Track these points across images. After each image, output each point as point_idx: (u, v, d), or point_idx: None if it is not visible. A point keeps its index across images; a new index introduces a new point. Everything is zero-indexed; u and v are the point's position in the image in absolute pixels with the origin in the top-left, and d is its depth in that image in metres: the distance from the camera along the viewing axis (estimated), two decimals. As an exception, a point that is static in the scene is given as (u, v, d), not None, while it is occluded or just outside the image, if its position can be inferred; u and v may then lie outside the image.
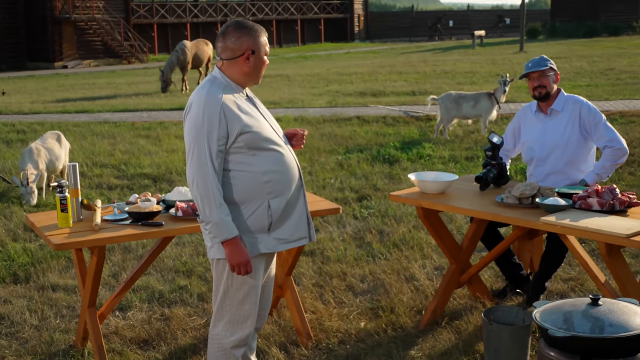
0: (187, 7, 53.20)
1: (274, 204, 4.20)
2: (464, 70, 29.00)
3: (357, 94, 21.60)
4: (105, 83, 29.51)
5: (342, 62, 37.87)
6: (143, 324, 5.89)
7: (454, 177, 5.74)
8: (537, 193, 5.25)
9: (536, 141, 6.02)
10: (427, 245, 7.47)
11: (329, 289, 6.47)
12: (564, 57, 34.73)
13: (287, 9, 60.74)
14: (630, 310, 3.73)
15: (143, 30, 49.75)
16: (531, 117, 6.14)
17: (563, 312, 3.74)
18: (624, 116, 15.35)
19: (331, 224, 8.33)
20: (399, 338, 5.51)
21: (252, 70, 4.19)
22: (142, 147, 13.62)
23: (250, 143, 4.09)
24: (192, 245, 7.74)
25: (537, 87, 5.95)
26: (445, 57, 38.65)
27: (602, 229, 4.63)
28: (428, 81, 24.98)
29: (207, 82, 4.18)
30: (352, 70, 30.87)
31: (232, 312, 4.28)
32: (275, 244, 4.26)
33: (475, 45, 48.63)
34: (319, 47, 57.55)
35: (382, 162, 11.69)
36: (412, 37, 67.69)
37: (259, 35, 4.18)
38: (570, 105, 5.97)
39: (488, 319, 4.92)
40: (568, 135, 5.90)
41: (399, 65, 33.13)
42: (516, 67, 29.17)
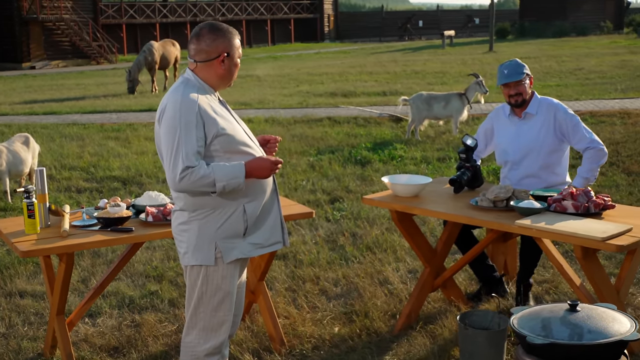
0: (156, 7, 52.92)
1: (250, 209, 4.13)
2: (434, 70, 29.08)
3: (327, 95, 21.57)
4: (74, 84, 29.26)
5: (313, 62, 37.83)
6: (113, 331, 5.78)
7: (427, 179, 5.69)
8: (512, 196, 5.21)
9: (510, 144, 5.99)
10: (401, 247, 7.42)
11: (302, 294, 6.40)
12: (534, 57, 34.91)
13: (257, 9, 60.62)
14: (609, 316, 3.69)
15: (112, 31, 49.42)
16: (504, 119, 6.11)
17: (541, 319, 3.69)
18: (594, 116, 15.41)
19: (304, 227, 8.26)
20: (374, 343, 5.44)
21: (226, 73, 4.13)
22: (112, 149, 13.48)
23: (225, 146, 4.02)
24: (162, 249, 7.63)
25: (513, 95, 5.92)
26: (416, 57, 38.73)
27: (578, 232, 4.59)
28: (398, 81, 25.01)
29: (180, 84, 4.09)
30: (323, 71, 30.85)
31: (205, 320, 4.20)
32: (250, 249, 4.19)
33: (445, 45, 48.80)
34: (289, 47, 57.48)
35: (354, 163, 11.64)
36: (382, 37, 67.82)
37: (233, 38, 4.12)
38: (545, 108, 5.95)
39: (463, 324, 4.87)
40: (542, 138, 5.88)
41: (370, 66, 33.15)
42: (486, 67, 29.30)
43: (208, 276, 4.12)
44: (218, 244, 4.07)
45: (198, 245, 4.10)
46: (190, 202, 4.10)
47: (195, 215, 4.10)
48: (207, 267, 4.11)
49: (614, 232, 4.57)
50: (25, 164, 9.96)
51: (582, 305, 3.77)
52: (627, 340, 3.56)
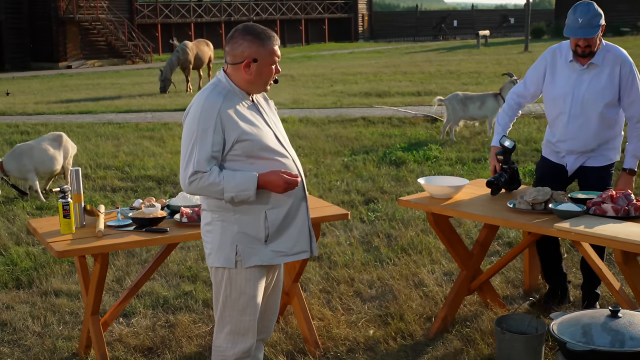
0: (191, 7, 53.20)
1: (271, 215, 4.07)
2: (469, 70, 28.95)
3: (362, 95, 21.53)
4: (109, 83, 29.48)
5: (346, 62, 37.82)
6: (147, 331, 5.77)
7: (464, 181, 5.62)
8: (550, 198, 5.13)
9: (568, 94, 5.49)
10: (436, 249, 7.35)
11: (337, 295, 6.35)
12: (569, 57, 34.56)
13: (291, 9, 60.72)
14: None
15: (147, 30, 49.75)
16: (562, 64, 5.55)
17: (582, 325, 3.63)
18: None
19: (338, 228, 8.22)
20: (409, 347, 5.39)
21: (255, 79, 4.03)
22: (146, 148, 13.53)
23: (247, 151, 3.97)
24: (196, 249, 7.62)
25: (582, 46, 5.35)
26: (450, 57, 38.58)
27: (618, 236, 4.50)
28: (433, 81, 24.91)
29: (210, 86, 4.06)
30: (357, 70, 30.81)
31: (232, 323, 4.17)
32: (272, 256, 4.13)
33: (480, 45, 48.61)
34: (323, 47, 57.53)
35: (389, 164, 11.58)
36: (416, 37, 67.72)
37: (265, 43, 4.00)
38: (611, 58, 5.42)
39: (500, 328, 4.81)
40: (606, 91, 5.41)
41: (404, 65, 33.06)
42: (521, 67, 29.07)
43: (231, 278, 4.09)
44: (239, 247, 4.04)
45: (220, 246, 4.07)
46: (212, 203, 4.08)
47: (217, 216, 4.07)
48: (230, 270, 4.08)
49: (656, 236, 4.48)
50: (55, 162, 9.96)
51: (623, 311, 3.70)
52: (670, 348, 3.49)
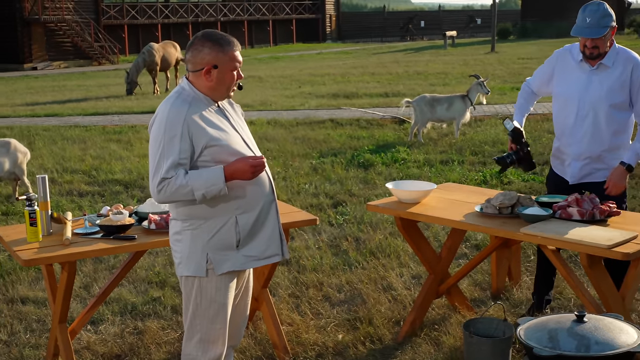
0: (158, 7, 52.93)
1: (242, 220, 4.08)
2: (436, 71, 29.07)
3: (330, 96, 21.55)
4: (76, 85, 29.26)
5: (314, 63, 37.82)
6: (115, 339, 5.75)
7: (432, 186, 5.65)
8: (517, 202, 5.18)
9: (576, 94, 5.39)
10: (404, 253, 7.38)
11: (306, 300, 6.37)
12: (535, 57, 34.86)
13: (259, 10, 60.63)
14: (616, 327, 3.67)
15: (113, 31, 49.42)
16: (572, 64, 5.46)
17: (548, 330, 3.66)
18: (597, 118, 15.35)
19: (307, 232, 8.23)
20: (378, 351, 5.41)
21: (216, 85, 4.02)
22: (114, 152, 13.46)
23: (216, 157, 3.97)
24: (165, 254, 7.60)
25: (589, 47, 5.26)
26: (418, 58, 38.73)
27: (584, 240, 4.56)
28: (401, 82, 24.98)
29: (174, 94, 4.05)
30: (325, 72, 30.83)
31: (203, 331, 4.17)
32: (244, 261, 4.14)
33: (447, 45, 48.80)
34: (291, 48, 57.48)
35: (357, 166, 11.61)
36: (384, 37, 67.86)
37: (225, 49, 4.00)
38: (622, 60, 5.33)
39: (468, 331, 4.84)
40: (615, 93, 5.31)
41: (372, 66, 33.14)
42: (488, 68, 29.31)
43: (202, 287, 4.09)
44: (210, 255, 4.03)
45: (190, 255, 4.06)
46: (181, 212, 4.07)
47: (187, 225, 4.07)
48: (200, 279, 4.08)
49: (620, 239, 4.54)
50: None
51: (589, 315, 3.74)
52: (635, 352, 3.53)
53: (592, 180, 5.51)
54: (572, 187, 5.56)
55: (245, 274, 4.38)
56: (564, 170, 5.63)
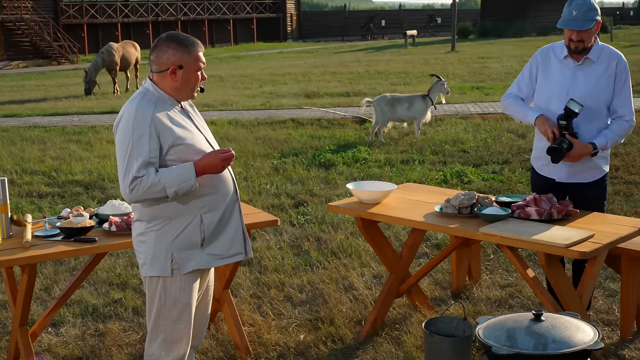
0: (117, 7, 52.59)
1: (207, 219, 4.11)
2: (397, 70, 29.19)
3: (291, 96, 21.56)
4: (35, 85, 28.99)
5: (275, 63, 37.81)
6: (77, 341, 5.73)
7: (392, 186, 5.70)
8: (476, 202, 5.24)
9: (562, 91, 5.33)
10: (365, 252, 7.42)
11: (267, 300, 6.38)
12: (495, 56, 35.18)
13: (219, 9, 60.46)
14: (573, 325, 3.72)
15: (73, 31, 49.05)
16: (555, 62, 5.43)
17: (506, 329, 3.71)
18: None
19: (268, 232, 8.24)
20: (339, 350, 5.44)
21: (181, 85, 4.07)
22: (73, 152, 13.36)
23: (182, 156, 4.00)
24: (126, 256, 7.57)
25: (575, 40, 5.23)
26: (378, 57, 38.85)
27: (541, 239, 4.62)
28: (362, 82, 25.05)
29: (138, 95, 4.07)
30: (286, 71, 30.83)
31: (166, 332, 4.18)
32: (208, 259, 4.17)
33: (408, 44, 49.05)
34: (252, 47, 57.40)
35: (318, 166, 11.63)
36: (345, 36, 68.02)
37: (190, 50, 4.05)
38: (607, 55, 5.33)
39: (429, 330, 4.88)
40: (602, 88, 5.30)
41: (333, 66, 33.19)
42: (448, 67, 29.50)
43: (166, 288, 4.10)
44: (174, 255, 4.05)
45: (155, 256, 4.08)
46: (146, 213, 4.08)
47: (151, 226, 4.08)
48: (165, 279, 4.09)
49: (577, 238, 4.61)
50: None
51: (546, 314, 3.79)
52: (591, 350, 3.59)
53: (580, 181, 5.46)
54: (558, 185, 5.50)
55: (208, 274, 4.40)
56: (551, 169, 5.52)
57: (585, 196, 5.45)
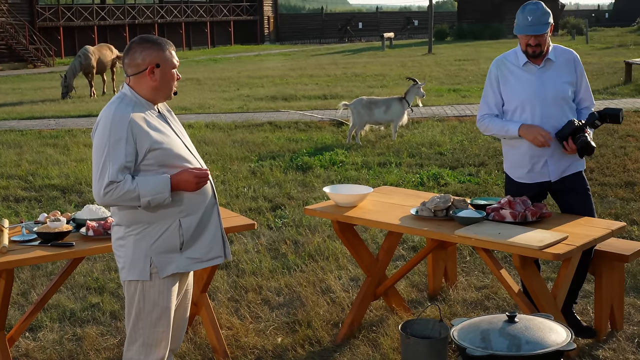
0: (93, 9, 52.40)
1: (186, 223, 4.14)
2: (374, 72, 29.27)
3: (268, 99, 21.57)
4: (10, 89, 28.82)
5: (253, 65, 37.81)
6: (54, 345, 5.73)
7: (368, 189, 5.74)
8: (451, 205, 5.29)
9: (533, 95, 5.36)
10: (343, 255, 7.46)
11: (245, 304, 6.41)
12: (472, 58, 35.35)
13: (196, 11, 60.35)
14: (546, 326, 3.78)
15: (49, 34, 48.83)
16: (515, 70, 5.45)
17: (481, 330, 3.76)
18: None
19: (245, 236, 8.26)
20: (316, 353, 5.48)
21: (159, 85, 4.12)
22: (50, 156, 13.31)
23: (160, 160, 4.03)
24: (103, 260, 7.57)
25: (532, 45, 5.29)
26: (356, 60, 38.93)
27: (516, 242, 4.68)
28: (339, 84, 25.11)
29: (116, 99, 4.10)
30: (263, 74, 30.84)
31: (145, 335, 4.20)
32: (188, 263, 4.20)
33: (385, 47, 49.13)
34: (229, 50, 57.32)
35: (295, 169, 11.66)
36: (322, 39, 68.09)
37: (164, 49, 4.12)
38: (562, 54, 5.45)
39: (405, 332, 4.93)
40: (568, 84, 5.40)
41: (310, 68, 33.23)
42: (425, 69, 29.61)
43: (145, 292, 4.12)
44: (153, 259, 4.08)
45: (134, 260, 4.10)
46: (125, 217, 4.11)
47: (130, 230, 4.10)
48: (144, 283, 4.11)
49: (551, 240, 4.68)
50: None
51: (520, 316, 3.84)
52: (563, 350, 3.65)
53: (573, 172, 5.51)
54: (554, 184, 5.50)
55: (187, 277, 4.43)
56: (539, 172, 5.48)
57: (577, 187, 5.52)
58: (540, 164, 5.45)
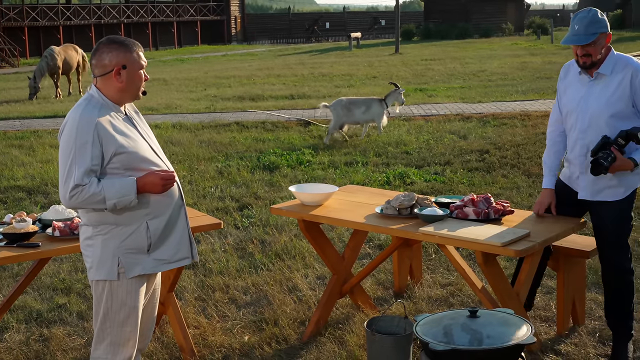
0: (59, 9, 52.04)
1: (153, 225, 4.16)
2: (341, 72, 29.34)
3: (235, 99, 21.57)
4: (-25, 89, 28.57)
5: (220, 65, 37.74)
6: (21, 346, 5.73)
7: (334, 188, 5.80)
8: (416, 203, 5.36)
9: (577, 107, 5.12)
10: (309, 254, 7.51)
11: (212, 303, 6.44)
12: (438, 58, 35.54)
13: (163, 11, 60.12)
14: (507, 321, 3.86)
15: (13, 34, 48.39)
16: (573, 78, 5.22)
17: (443, 326, 3.83)
18: (497, 118, 15.81)
19: (213, 235, 8.29)
20: (283, 351, 5.52)
21: (126, 86, 4.13)
22: (15, 157, 13.24)
23: (125, 164, 4.05)
24: (70, 261, 7.57)
25: (581, 55, 4.99)
26: (323, 60, 38.98)
27: (478, 239, 4.76)
28: (306, 84, 25.15)
29: (83, 101, 4.12)
30: (230, 74, 30.80)
31: (113, 335, 4.22)
32: (155, 265, 4.22)
33: (352, 47, 49.23)
34: (196, 50, 57.15)
35: (262, 169, 11.70)
36: (290, 38, 68.08)
37: (131, 50, 4.14)
38: (621, 67, 5.01)
39: (371, 329, 4.99)
40: (614, 102, 4.98)
41: (277, 68, 33.24)
42: (392, 69, 29.75)
43: (112, 291, 4.15)
44: (121, 259, 4.10)
45: (102, 260, 4.12)
46: (93, 218, 4.13)
47: (98, 230, 4.13)
48: (111, 282, 4.14)
49: (512, 237, 4.76)
50: None
51: (482, 311, 3.92)
52: (524, 344, 3.73)
53: (603, 199, 5.15)
54: (579, 201, 5.26)
55: (155, 278, 4.46)
56: (574, 182, 5.28)
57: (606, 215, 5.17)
58: (575, 175, 5.24)
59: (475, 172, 11.09)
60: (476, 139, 13.67)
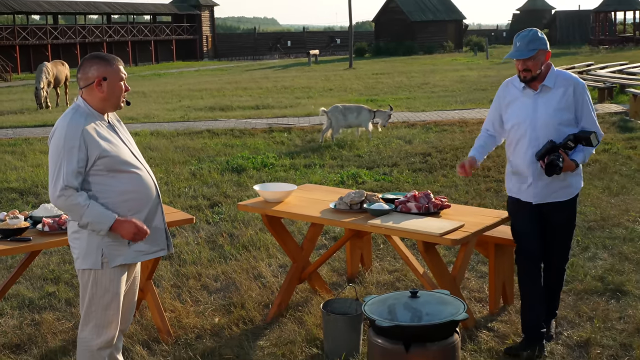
0: (47, 29, 51.50)
1: None
2: (301, 85, 29.38)
3: (207, 109, 21.50)
4: (-29, 102, 28.16)
5: (193, 79, 37.58)
6: (15, 330, 5.71)
7: (293, 187, 5.85)
8: (365, 199, 5.43)
9: (526, 119, 4.98)
10: (272, 245, 7.55)
11: (186, 289, 6.46)
12: (387, 72, 35.70)
13: (141, 31, 59.83)
14: (443, 300, 3.94)
15: (6, 51, 47.83)
16: (517, 93, 5.07)
17: (388, 305, 3.90)
18: (438, 125, 15.95)
19: (187, 230, 8.30)
20: (249, 331, 5.56)
21: (108, 95, 4.14)
22: (8, 162, 13.11)
23: (108, 166, 4.07)
24: (59, 254, 7.54)
25: (521, 70, 4.92)
26: (285, 74, 38.98)
27: (419, 230, 4.84)
28: (270, 96, 25.14)
29: (71, 110, 4.13)
30: (202, 87, 30.69)
31: (97, 318, 4.23)
32: (134, 255, 4.25)
33: (311, 63, 49.30)
34: (172, 66, 56.84)
35: (231, 171, 11.70)
36: (256, 55, 67.98)
37: (111, 64, 4.16)
38: (562, 81, 4.96)
39: (326, 311, 5.05)
40: (561, 112, 4.92)
41: (244, 82, 33.18)
42: (346, 82, 29.83)
43: (97, 279, 4.16)
44: (104, 250, 4.12)
45: (87, 251, 4.13)
46: None
47: None
48: (96, 271, 4.15)
49: (449, 228, 4.85)
50: None
51: (421, 292, 4.00)
52: (458, 320, 3.81)
53: (555, 200, 5.05)
54: (535, 206, 5.08)
55: (135, 266, 4.48)
56: (525, 192, 5.09)
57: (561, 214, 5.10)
58: (528, 183, 5.05)
59: (419, 172, 11.19)
60: (420, 143, 13.79)
